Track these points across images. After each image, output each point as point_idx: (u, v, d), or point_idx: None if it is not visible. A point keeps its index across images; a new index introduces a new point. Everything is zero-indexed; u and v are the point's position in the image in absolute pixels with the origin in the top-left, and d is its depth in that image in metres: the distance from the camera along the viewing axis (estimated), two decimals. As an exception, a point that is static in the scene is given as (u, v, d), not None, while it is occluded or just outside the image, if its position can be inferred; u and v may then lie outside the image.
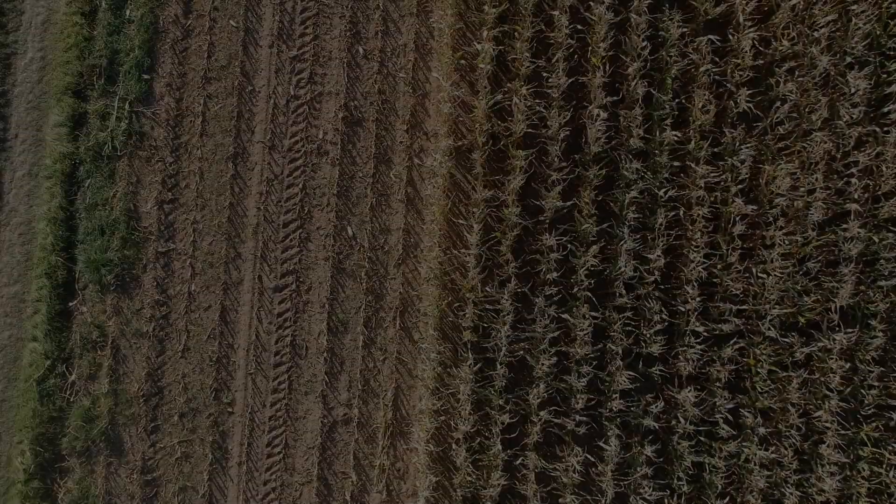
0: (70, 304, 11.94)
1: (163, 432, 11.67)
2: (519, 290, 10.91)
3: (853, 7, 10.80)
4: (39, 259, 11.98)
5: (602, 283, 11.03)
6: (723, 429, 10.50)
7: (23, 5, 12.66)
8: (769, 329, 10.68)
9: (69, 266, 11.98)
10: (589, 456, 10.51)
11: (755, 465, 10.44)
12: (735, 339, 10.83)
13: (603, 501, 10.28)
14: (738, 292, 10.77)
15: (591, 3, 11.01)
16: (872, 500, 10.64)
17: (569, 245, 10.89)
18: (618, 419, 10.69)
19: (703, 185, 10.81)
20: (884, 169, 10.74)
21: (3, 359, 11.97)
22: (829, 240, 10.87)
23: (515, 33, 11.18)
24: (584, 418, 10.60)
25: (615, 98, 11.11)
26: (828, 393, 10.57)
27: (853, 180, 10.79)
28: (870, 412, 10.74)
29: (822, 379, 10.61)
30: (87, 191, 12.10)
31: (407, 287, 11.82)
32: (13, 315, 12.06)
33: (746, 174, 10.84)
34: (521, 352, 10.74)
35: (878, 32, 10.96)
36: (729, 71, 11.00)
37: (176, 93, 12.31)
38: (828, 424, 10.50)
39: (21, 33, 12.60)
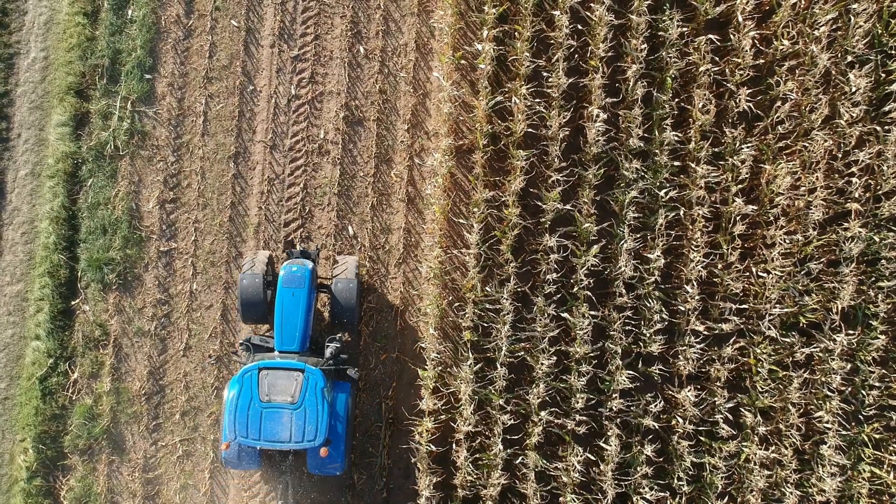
0: (72, 302, 11.99)
1: (164, 430, 11.71)
2: (519, 289, 10.91)
3: (854, 5, 10.78)
4: (42, 258, 12.03)
5: (602, 283, 11.03)
6: (723, 428, 10.49)
7: (26, 5, 12.72)
8: (770, 328, 10.66)
9: (71, 265, 12.02)
10: (589, 455, 10.50)
11: (755, 464, 10.42)
12: (735, 339, 10.82)
13: (603, 501, 10.27)
14: (738, 292, 10.76)
15: (592, 4, 11.02)
16: (873, 501, 10.62)
17: (569, 245, 10.89)
18: (618, 419, 10.68)
19: (703, 185, 10.80)
20: (885, 168, 10.72)
21: (5, 357, 12.03)
22: (829, 239, 10.85)
23: (516, 33, 11.19)
24: (584, 418, 10.59)
25: (615, 99, 11.11)
26: (829, 393, 10.55)
27: (854, 179, 10.78)
28: (871, 413, 10.73)
29: (823, 379, 10.59)
30: (90, 190, 12.15)
31: (407, 286, 11.84)
32: (16, 314, 12.12)
33: (747, 174, 10.83)
34: (522, 352, 10.74)
35: (878, 31, 10.94)
36: (729, 70, 10.99)
37: (178, 92, 12.35)
38: (829, 425, 10.48)
39: (24, 33, 12.66)
